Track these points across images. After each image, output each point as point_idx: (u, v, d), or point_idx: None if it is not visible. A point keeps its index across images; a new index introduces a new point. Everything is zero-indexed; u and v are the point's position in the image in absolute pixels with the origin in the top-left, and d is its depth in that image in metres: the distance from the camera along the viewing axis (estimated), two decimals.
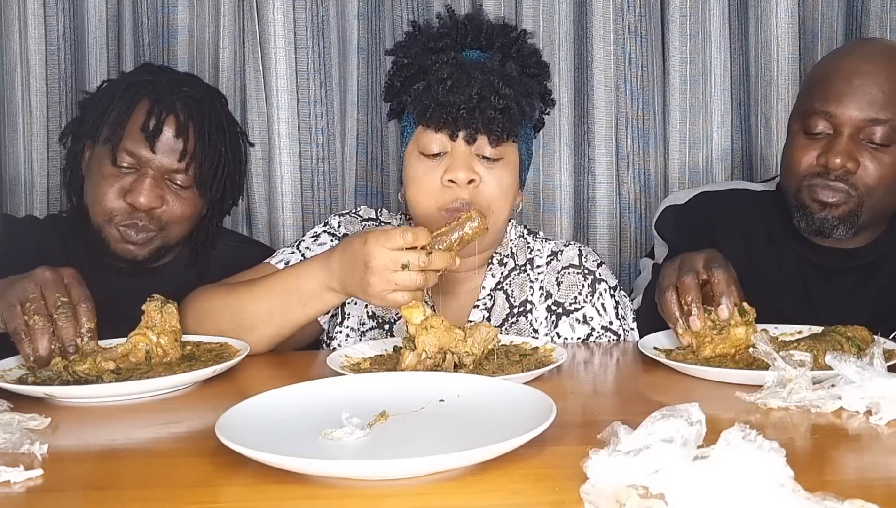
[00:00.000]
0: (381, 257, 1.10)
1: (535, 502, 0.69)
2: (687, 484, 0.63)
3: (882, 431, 0.86)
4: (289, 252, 1.44)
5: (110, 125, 1.43)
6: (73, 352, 1.09)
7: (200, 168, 1.46)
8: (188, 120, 1.45)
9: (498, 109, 1.25)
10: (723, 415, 0.91)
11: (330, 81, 1.94)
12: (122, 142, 1.42)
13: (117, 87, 1.49)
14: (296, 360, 1.30)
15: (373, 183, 2.01)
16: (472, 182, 1.28)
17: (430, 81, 1.28)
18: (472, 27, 1.36)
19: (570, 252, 1.43)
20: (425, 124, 1.30)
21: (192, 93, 1.48)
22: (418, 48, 1.35)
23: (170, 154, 1.43)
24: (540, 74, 1.38)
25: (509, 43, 1.35)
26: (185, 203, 1.47)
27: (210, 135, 1.48)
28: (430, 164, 1.30)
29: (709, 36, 1.95)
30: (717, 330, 1.13)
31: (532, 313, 1.40)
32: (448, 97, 1.25)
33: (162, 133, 1.42)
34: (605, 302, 1.39)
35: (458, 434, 0.83)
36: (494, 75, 1.27)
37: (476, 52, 1.34)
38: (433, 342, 1.08)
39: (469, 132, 1.27)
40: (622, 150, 1.97)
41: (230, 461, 0.77)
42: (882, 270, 1.48)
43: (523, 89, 1.30)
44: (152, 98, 1.44)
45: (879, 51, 1.43)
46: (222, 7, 1.91)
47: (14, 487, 0.74)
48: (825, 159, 1.39)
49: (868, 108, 1.37)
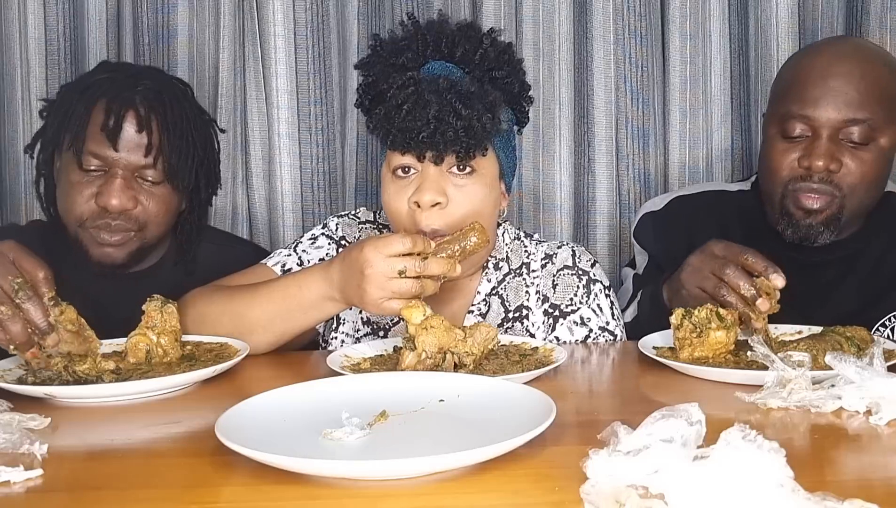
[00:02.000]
0: (378, 264, 1.11)
1: (535, 502, 0.69)
2: (687, 484, 0.63)
3: (882, 431, 0.86)
4: (285, 254, 1.44)
5: (71, 130, 1.39)
6: (46, 330, 1.07)
7: (169, 161, 1.42)
8: (150, 113, 1.41)
9: (458, 129, 1.22)
10: (723, 415, 0.90)
11: (330, 81, 1.94)
12: (86, 144, 1.38)
13: (74, 90, 1.44)
14: (296, 360, 1.30)
15: (373, 183, 2.01)
16: (438, 204, 1.25)
17: (389, 107, 1.25)
18: (433, 37, 1.32)
19: (564, 253, 1.43)
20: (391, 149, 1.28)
21: (151, 85, 1.44)
22: (381, 65, 1.32)
23: (135, 150, 1.39)
24: (510, 74, 1.34)
25: (473, 48, 1.31)
26: (159, 200, 1.43)
27: (175, 126, 1.43)
28: (402, 183, 1.28)
29: (709, 36, 1.95)
30: (697, 333, 1.13)
31: (528, 317, 1.40)
32: (406, 123, 1.22)
33: (123, 130, 1.38)
34: (600, 303, 1.39)
35: (458, 434, 0.83)
36: (452, 94, 1.23)
37: (439, 64, 1.31)
38: (433, 342, 1.08)
39: (434, 154, 1.25)
40: (622, 150, 1.97)
41: (230, 461, 0.77)
42: (862, 261, 1.49)
43: (485, 103, 1.25)
44: (110, 96, 1.40)
45: (851, 50, 1.43)
46: (222, 7, 1.91)
47: (14, 487, 0.74)
48: (808, 162, 1.39)
49: (845, 108, 1.38)
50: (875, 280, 1.47)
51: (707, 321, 1.13)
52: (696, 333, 1.13)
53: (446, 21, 1.35)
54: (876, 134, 1.39)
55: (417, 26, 1.33)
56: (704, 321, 1.13)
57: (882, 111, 1.39)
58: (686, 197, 1.64)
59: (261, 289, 1.27)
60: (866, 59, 1.41)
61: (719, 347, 1.12)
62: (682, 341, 1.14)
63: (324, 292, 1.21)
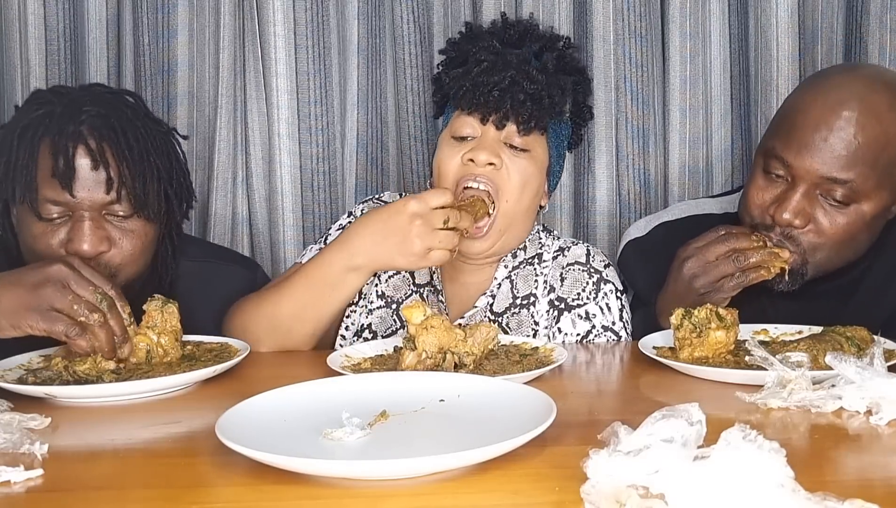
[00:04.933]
0: (425, 215, 1.18)
1: (535, 502, 0.69)
2: (687, 484, 0.63)
3: (882, 431, 0.86)
4: (316, 249, 1.47)
5: (19, 181, 1.24)
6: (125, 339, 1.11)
7: (134, 191, 1.28)
8: (101, 143, 1.26)
9: (529, 94, 1.30)
10: (723, 415, 0.91)
11: (330, 81, 1.93)
12: (39, 193, 1.24)
13: (12, 134, 1.28)
14: (296, 360, 1.30)
15: (373, 183, 2.01)
16: (492, 165, 1.31)
17: (469, 65, 1.34)
18: (520, 28, 1.42)
19: (578, 250, 1.45)
20: (459, 106, 1.35)
21: (96, 111, 1.28)
22: (465, 43, 1.41)
23: (95, 188, 1.25)
24: (579, 83, 1.43)
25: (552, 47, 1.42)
26: (133, 237, 1.30)
27: (132, 150, 1.28)
28: (458, 146, 1.35)
29: (709, 36, 1.95)
30: (697, 333, 1.13)
31: (535, 306, 1.41)
32: (482, 78, 1.31)
33: (76, 170, 1.23)
34: (609, 302, 1.39)
35: (458, 434, 0.84)
36: (530, 65, 1.33)
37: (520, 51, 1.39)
38: (433, 342, 1.08)
39: (499, 117, 1.32)
40: (622, 150, 1.97)
41: (230, 461, 0.77)
42: (865, 285, 1.41)
43: (557, 82, 1.35)
44: (53, 134, 1.25)
45: (856, 96, 1.27)
46: (222, 7, 1.91)
47: (14, 487, 0.74)
48: (774, 211, 1.30)
49: (829, 165, 1.25)
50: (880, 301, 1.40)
51: (707, 321, 1.13)
52: (696, 333, 1.13)
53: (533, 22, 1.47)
54: (858, 197, 1.27)
55: (506, 20, 1.45)
56: (704, 321, 1.13)
57: (873, 175, 1.26)
58: (670, 223, 1.56)
59: (285, 283, 1.31)
60: (870, 111, 1.26)
61: (719, 347, 1.12)
62: (682, 341, 1.14)
63: (345, 264, 1.24)
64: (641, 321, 1.43)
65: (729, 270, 1.25)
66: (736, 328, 1.14)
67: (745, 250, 1.25)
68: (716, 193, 1.86)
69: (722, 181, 1.96)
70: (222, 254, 1.65)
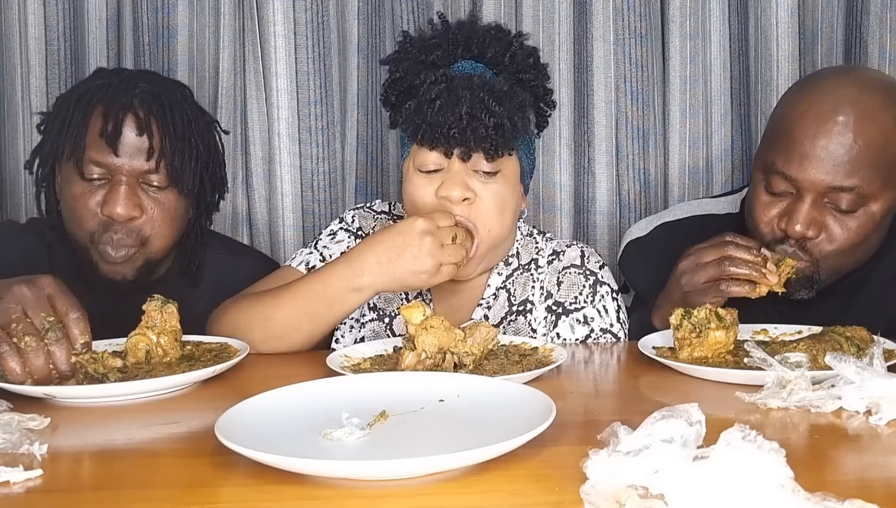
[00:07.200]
0: (436, 232, 1.20)
1: (535, 502, 0.69)
2: (687, 485, 0.63)
3: (882, 431, 0.86)
4: (307, 253, 1.46)
5: (70, 139, 1.35)
6: (67, 374, 1.03)
7: (172, 163, 1.38)
8: (149, 115, 1.37)
9: (489, 126, 1.25)
10: (722, 415, 0.90)
11: (330, 81, 1.93)
12: (86, 153, 1.34)
13: (70, 99, 1.40)
14: (296, 360, 1.30)
15: (373, 183, 2.01)
16: (467, 200, 1.29)
17: (420, 102, 1.27)
18: (464, 36, 1.35)
19: (573, 253, 1.43)
20: (419, 144, 1.30)
21: (149, 88, 1.40)
22: (410, 61, 1.34)
23: (137, 155, 1.36)
24: (536, 78, 1.37)
25: (503, 50, 1.34)
26: (165, 209, 1.40)
27: (176, 127, 1.39)
28: (427, 179, 1.31)
29: (709, 36, 1.95)
30: (696, 333, 1.13)
31: (532, 312, 1.40)
32: (438, 118, 1.25)
33: (123, 134, 1.34)
34: (606, 304, 1.39)
35: (458, 434, 0.83)
36: (485, 92, 1.25)
37: (468, 64, 1.34)
38: (433, 342, 1.08)
39: (462, 151, 1.27)
40: (622, 150, 1.97)
41: (230, 461, 0.77)
42: (869, 285, 1.41)
43: (516, 103, 1.28)
44: (106, 101, 1.36)
45: (848, 100, 1.26)
46: (222, 7, 1.91)
47: (14, 487, 0.74)
48: (785, 226, 1.29)
49: (833, 173, 1.25)
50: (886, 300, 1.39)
51: (707, 321, 1.13)
52: (695, 333, 1.13)
53: (476, 21, 1.39)
54: (867, 200, 1.27)
55: (447, 25, 1.36)
56: (704, 321, 1.13)
57: (878, 176, 1.26)
58: (672, 223, 1.56)
59: (285, 291, 1.29)
60: (867, 113, 1.25)
61: (719, 347, 1.12)
62: (681, 341, 1.14)
63: (347, 284, 1.23)
64: (637, 320, 1.43)
65: (714, 274, 1.24)
66: (736, 328, 1.14)
67: (736, 260, 1.23)
68: (716, 193, 1.86)
69: (722, 181, 1.96)
70: (246, 250, 1.74)
